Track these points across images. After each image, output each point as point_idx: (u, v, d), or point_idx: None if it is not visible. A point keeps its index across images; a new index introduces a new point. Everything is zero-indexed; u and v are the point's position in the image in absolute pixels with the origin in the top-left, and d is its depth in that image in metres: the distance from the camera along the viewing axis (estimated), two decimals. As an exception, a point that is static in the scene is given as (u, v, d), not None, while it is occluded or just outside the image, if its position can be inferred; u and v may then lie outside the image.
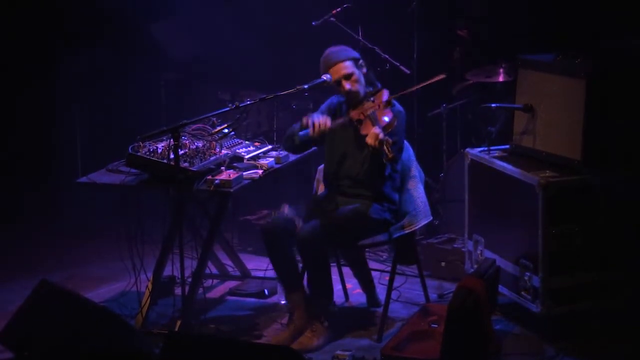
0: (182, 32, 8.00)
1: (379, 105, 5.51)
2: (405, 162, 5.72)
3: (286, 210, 5.57)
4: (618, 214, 5.42)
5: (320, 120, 5.46)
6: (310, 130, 5.45)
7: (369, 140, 5.25)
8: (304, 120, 5.51)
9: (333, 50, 5.65)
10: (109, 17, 7.81)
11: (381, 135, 5.23)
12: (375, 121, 5.36)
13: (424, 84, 5.83)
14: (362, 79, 5.61)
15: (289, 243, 5.52)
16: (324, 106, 5.78)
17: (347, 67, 5.56)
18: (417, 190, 5.72)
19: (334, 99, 5.79)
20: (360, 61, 5.63)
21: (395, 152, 5.30)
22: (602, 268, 5.43)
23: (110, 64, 7.91)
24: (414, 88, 5.95)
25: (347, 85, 5.55)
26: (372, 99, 5.57)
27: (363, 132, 5.40)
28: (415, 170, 5.77)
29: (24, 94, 8.04)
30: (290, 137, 5.63)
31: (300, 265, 5.67)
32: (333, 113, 5.71)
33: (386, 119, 5.41)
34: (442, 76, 5.79)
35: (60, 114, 8.06)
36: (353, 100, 5.60)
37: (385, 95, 5.56)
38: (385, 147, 5.21)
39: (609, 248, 5.42)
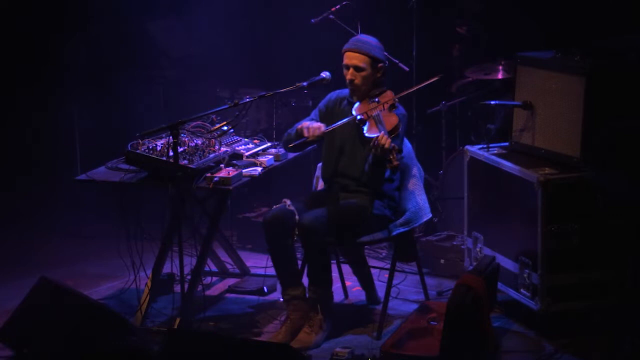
0: (181, 30, 7.99)
1: (383, 106, 5.48)
2: (405, 159, 5.72)
3: (287, 204, 5.56)
4: (617, 211, 5.41)
5: (312, 126, 5.47)
6: (305, 135, 5.46)
7: (377, 146, 5.19)
8: (298, 128, 5.51)
9: (364, 39, 5.60)
10: (108, 15, 7.80)
11: (388, 144, 5.19)
12: (380, 124, 5.33)
13: (422, 84, 5.72)
14: (371, 80, 5.55)
15: (289, 236, 5.51)
16: (322, 103, 5.77)
17: (363, 61, 5.50)
18: (417, 187, 5.72)
19: (332, 95, 5.76)
20: (380, 64, 5.54)
21: (399, 160, 5.28)
22: (601, 265, 5.42)
23: (109, 61, 7.90)
24: (414, 89, 5.85)
25: (350, 76, 5.52)
26: (376, 99, 5.53)
27: (368, 133, 5.36)
28: (415, 167, 5.76)
29: (23, 93, 8.03)
30: (287, 142, 5.61)
31: (300, 261, 5.67)
32: (332, 109, 5.69)
33: (392, 122, 5.39)
34: (438, 77, 5.71)
35: (59, 112, 8.05)
36: (353, 92, 5.58)
37: (390, 96, 5.53)
38: (391, 156, 5.18)
39: (608, 245, 5.42)
